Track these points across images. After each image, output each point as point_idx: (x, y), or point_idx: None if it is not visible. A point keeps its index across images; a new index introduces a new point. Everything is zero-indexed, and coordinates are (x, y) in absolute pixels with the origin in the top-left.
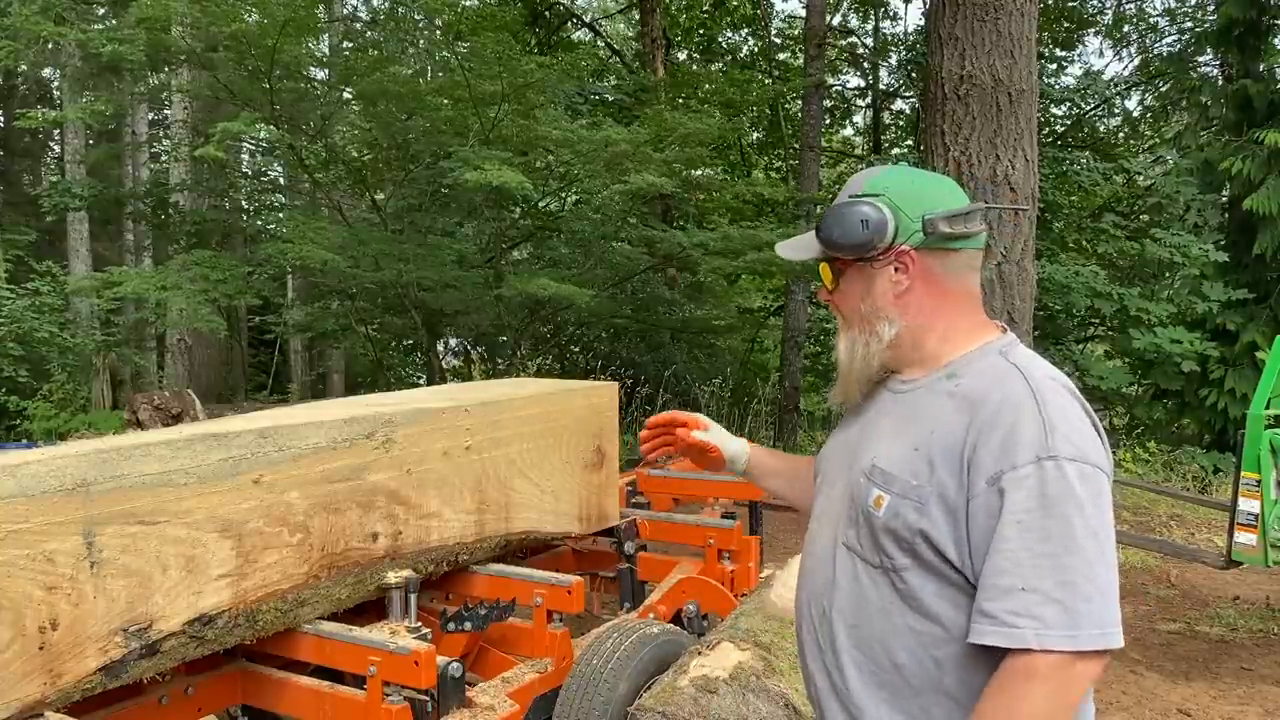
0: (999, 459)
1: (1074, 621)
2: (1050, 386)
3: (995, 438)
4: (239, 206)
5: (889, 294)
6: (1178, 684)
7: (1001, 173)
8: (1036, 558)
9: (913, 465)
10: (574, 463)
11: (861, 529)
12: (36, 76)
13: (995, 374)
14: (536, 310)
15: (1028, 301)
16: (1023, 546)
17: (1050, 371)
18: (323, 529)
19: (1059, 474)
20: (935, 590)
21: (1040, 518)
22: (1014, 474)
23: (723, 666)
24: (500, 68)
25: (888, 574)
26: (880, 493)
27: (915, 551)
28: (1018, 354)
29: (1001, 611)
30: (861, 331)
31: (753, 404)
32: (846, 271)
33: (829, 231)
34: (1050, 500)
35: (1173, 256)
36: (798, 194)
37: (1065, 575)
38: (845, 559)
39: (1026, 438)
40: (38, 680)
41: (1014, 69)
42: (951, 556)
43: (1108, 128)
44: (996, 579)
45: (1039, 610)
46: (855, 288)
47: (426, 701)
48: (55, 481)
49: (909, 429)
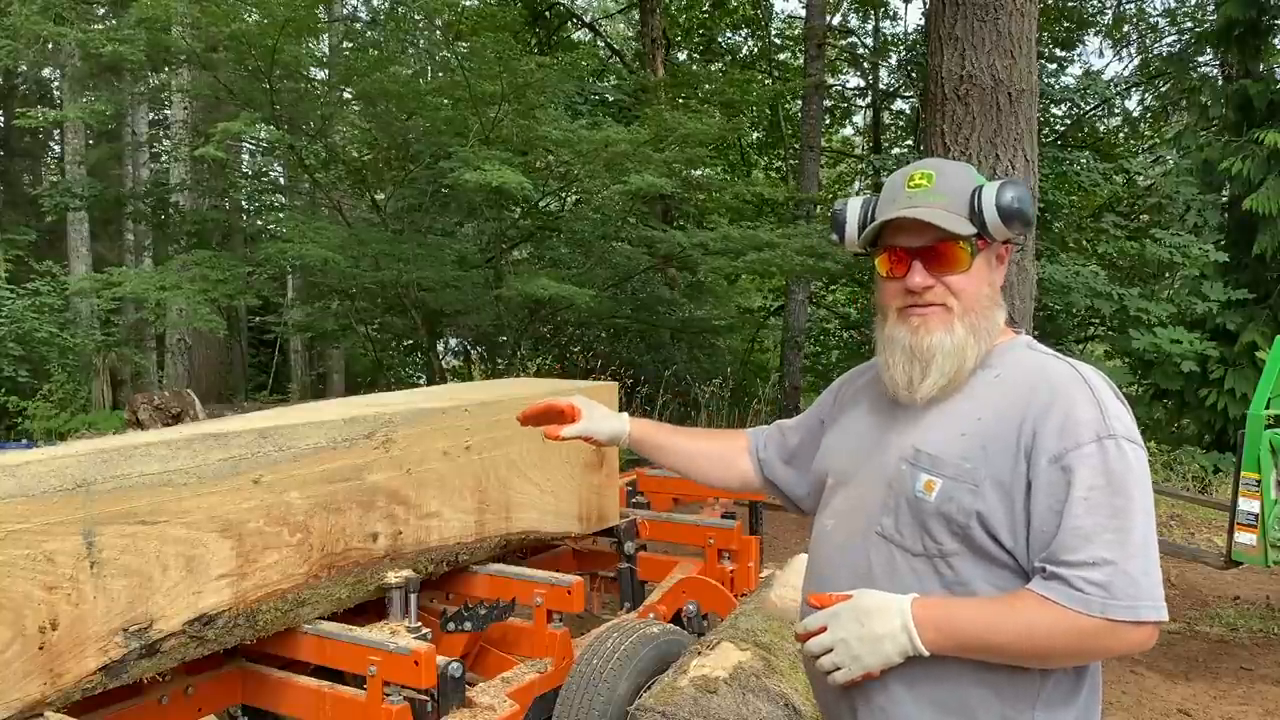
0: (1061, 439)
1: (1136, 594)
2: (1092, 372)
3: (1054, 420)
4: (239, 206)
5: (998, 282)
6: (1178, 684)
7: (1001, 172)
8: (1105, 532)
9: (962, 449)
10: (574, 463)
11: (903, 516)
12: (36, 76)
13: (1033, 364)
14: (536, 310)
15: (1028, 301)
16: (1092, 522)
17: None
18: (323, 529)
19: (1119, 452)
20: (983, 575)
21: (1107, 494)
22: (1078, 452)
23: (723, 666)
24: (500, 68)
25: (931, 560)
26: (930, 477)
27: (968, 535)
28: (1044, 348)
29: (1073, 576)
30: (981, 317)
31: (753, 404)
32: (981, 254)
33: (1017, 205)
34: (1114, 476)
35: (1172, 256)
36: (797, 194)
37: (1130, 549)
38: (881, 549)
39: (1086, 418)
40: (38, 680)
41: (1014, 69)
42: (1004, 539)
43: (1108, 128)
44: (1067, 552)
45: (1111, 580)
46: (984, 271)
47: (426, 701)
48: (55, 481)
49: (950, 417)
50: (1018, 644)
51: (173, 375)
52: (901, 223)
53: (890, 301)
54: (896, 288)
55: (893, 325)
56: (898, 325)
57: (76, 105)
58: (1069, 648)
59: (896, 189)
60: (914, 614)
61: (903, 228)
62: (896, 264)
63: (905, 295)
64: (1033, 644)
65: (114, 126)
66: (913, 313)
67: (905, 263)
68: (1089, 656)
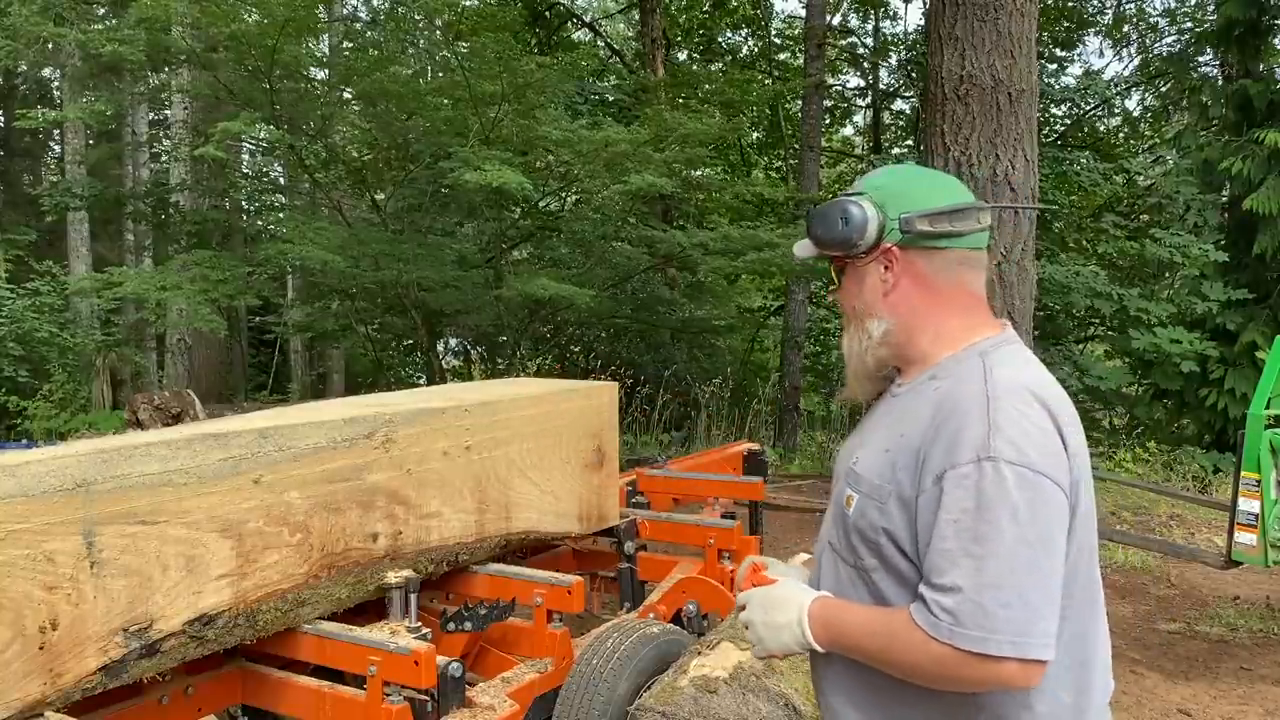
0: (945, 458)
1: (989, 625)
2: (1009, 389)
3: (944, 438)
4: (239, 206)
5: (878, 292)
6: (1177, 684)
7: (1002, 172)
8: (965, 558)
9: (880, 466)
10: (574, 462)
11: (839, 529)
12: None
13: (964, 376)
14: (536, 310)
15: (1028, 301)
16: (956, 545)
17: (1022, 375)
18: (323, 529)
19: (996, 476)
20: (897, 593)
21: (974, 519)
22: (954, 472)
23: (723, 666)
24: (500, 68)
25: (860, 573)
26: (851, 492)
27: (880, 551)
28: (998, 355)
29: (930, 599)
30: (857, 329)
31: (753, 404)
32: (846, 269)
33: (813, 228)
34: (985, 500)
35: (1172, 256)
36: (798, 194)
37: (987, 579)
38: (830, 558)
39: (969, 438)
40: (38, 680)
41: (1014, 69)
42: (912, 555)
43: (1108, 128)
44: (930, 572)
45: (959, 608)
46: (851, 285)
47: (426, 701)
48: (55, 481)
49: (888, 431)
50: (885, 656)
51: (173, 375)
52: None
53: None
54: None
55: None
56: None
57: (76, 105)
58: (926, 671)
59: None
60: (810, 610)
61: None
62: None
63: None
64: (896, 658)
65: (114, 126)
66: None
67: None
68: (950, 685)
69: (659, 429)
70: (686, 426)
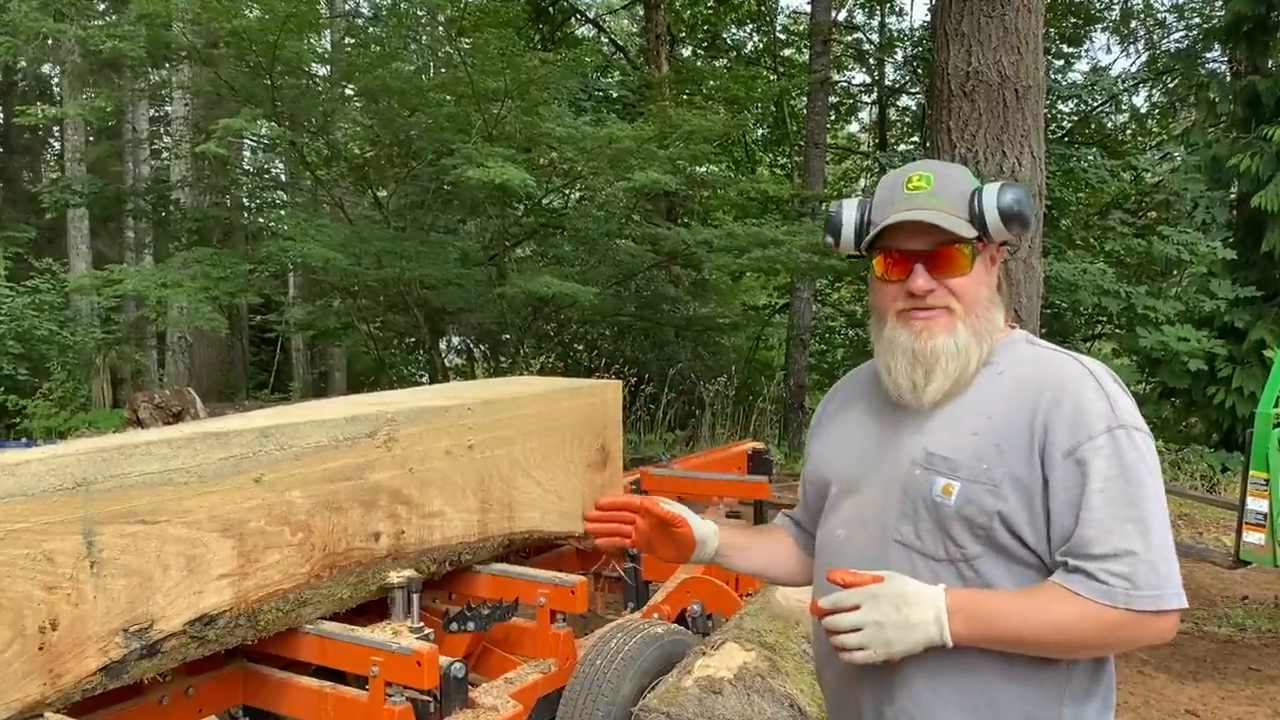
0: (1073, 433)
1: (1159, 583)
2: (1097, 365)
3: (1064, 415)
4: (240, 204)
5: (993, 280)
6: (1185, 684)
7: (1008, 169)
8: (1126, 523)
9: (976, 450)
10: (578, 461)
11: (922, 522)
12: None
13: (1037, 360)
14: (540, 308)
15: (1035, 299)
16: (1111, 513)
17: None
18: (325, 528)
19: (1130, 441)
20: (1007, 574)
21: (1123, 485)
22: (1091, 444)
23: (727, 667)
24: (503, 64)
25: (955, 565)
26: (948, 480)
27: (991, 536)
28: (1043, 343)
29: (1096, 569)
30: (982, 319)
31: (758, 402)
32: (981, 256)
33: (1018, 208)
34: (1128, 466)
35: (1180, 254)
36: (803, 191)
37: (1150, 539)
38: (902, 557)
39: (1095, 411)
40: (37, 680)
41: (1020, 65)
42: (1027, 537)
43: (1115, 124)
44: (1083, 543)
45: (1133, 572)
46: (983, 273)
47: (429, 702)
48: (55, 480)
49: (958, 417)
50: (1045, 636)
51: (173, 373)
52: (902, 225)
53: (889, 304)
54: (896, 290)
55: (893, 328)
56: (898, 328)
57: (76, 102)
58: (1095, 639)
59: (894, 191)
60: (946, 604)
61: (902, 230)
62: (894, 266)
63: (906, 298)
64: (1059, 637)
65: (114, 123)
66: (915, 316)
67: (904, 265)
68: (1115, 647)
69: (663, 428)
70: (691, 425)
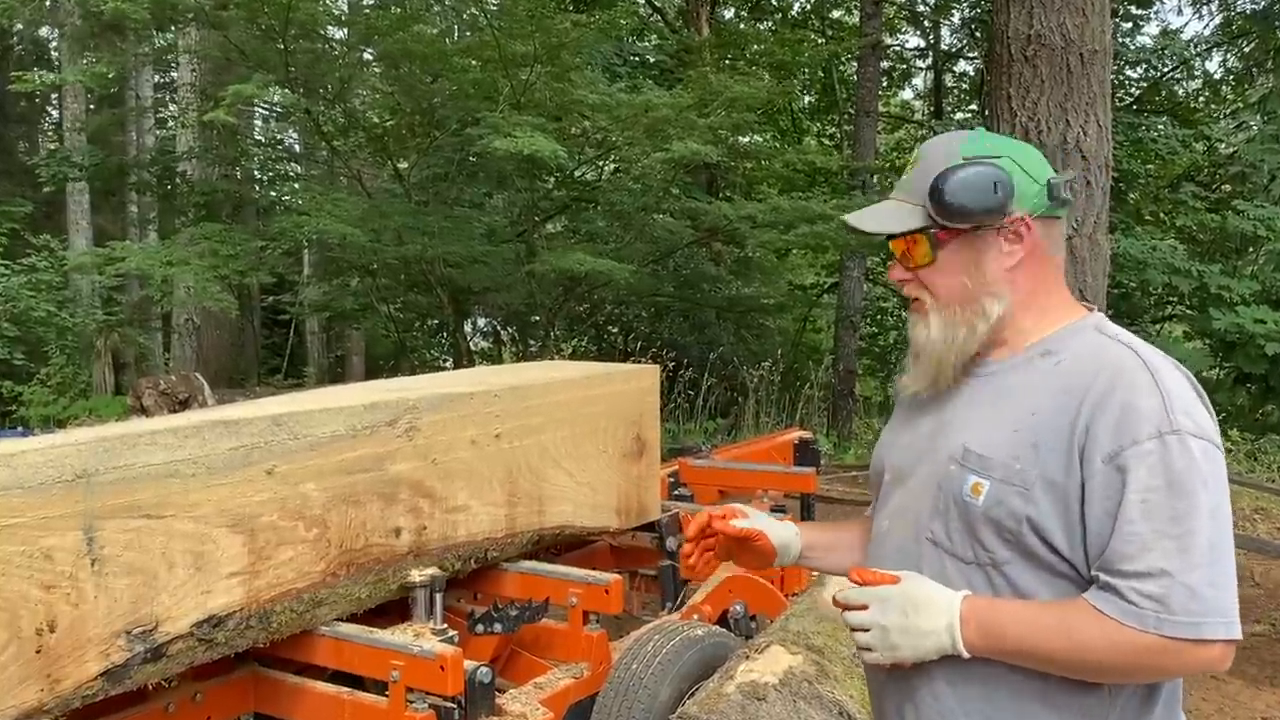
0: (1117, 435)
1: (1199, 609)
2: (1162, 361)
3: (1110, 413)
4: (251, 176)
5: (1001, 267)
6: (1262, 690)
7: (1072, 139)
8: (1165, 539)
9: (1013, 448)
10: (612, 452)
11: (953, 522)
12: (33, 36)
13: (1097, 350)
14: (571, 287)
15: (1100, 278)
16: (1150, 527)
17: (1156, 349)
18: (341, 523)
19: (1183, 450)
20: (1043, 584)
21: (1166, 496)
22: (1136, 449)
23: (772, 671)
24: (533, 27)
25: (984, 570)
26: (978, 479)
27: (1020, 542)
28: (1116, 329)
29: (1126, 588)
30: (964, 310)
31: (805, 388)
32: (948, 244)
33: (956, 196)
34: (1175, 476)
35: (1256, 230)
36: (853, 162)
37: (1194, 559)
38: (932, 556)
39: (1146, 411)
40: (35, 686)
41: (1086, 28)
42: (1060, 545)
43: (1186, 91)
44: (1117, 558)
45: (1167, 594)
46: (958, 261)
47: (453, 709)
48: (53, 472)
49: (1003, 411)
50: (1063, 656)
51: (180, 358)
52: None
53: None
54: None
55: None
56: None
57: (76, 67)
58: (1119, 665)
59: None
60: (961, 612)
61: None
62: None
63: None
64: (1082, 658)
65: (116, 90)
66: (910, 306)
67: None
68: (1144, 676)
69: (704, 416)
70: (733, 413)
